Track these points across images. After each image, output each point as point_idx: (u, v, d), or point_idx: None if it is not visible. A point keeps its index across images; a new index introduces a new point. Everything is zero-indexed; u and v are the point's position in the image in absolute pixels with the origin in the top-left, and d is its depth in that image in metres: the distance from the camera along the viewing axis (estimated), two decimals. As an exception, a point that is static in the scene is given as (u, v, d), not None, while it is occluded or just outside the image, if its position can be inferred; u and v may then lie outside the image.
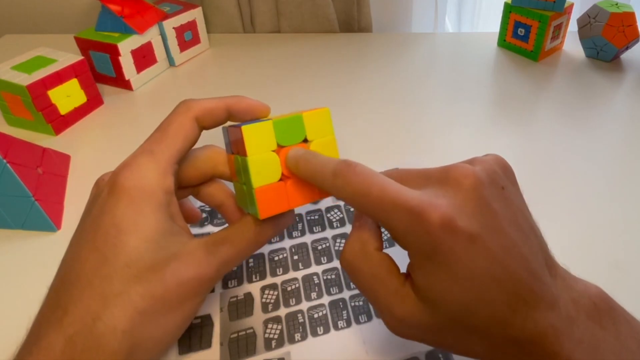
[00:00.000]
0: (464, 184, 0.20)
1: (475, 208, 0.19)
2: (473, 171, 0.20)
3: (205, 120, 0.26)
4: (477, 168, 0.21)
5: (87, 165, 0.43)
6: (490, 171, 0.21)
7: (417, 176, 0.22)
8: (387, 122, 0.49)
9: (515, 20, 0.59)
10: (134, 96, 0.55)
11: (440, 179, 0.21)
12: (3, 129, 0.48)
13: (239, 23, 0.68)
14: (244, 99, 0.26)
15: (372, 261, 0.22)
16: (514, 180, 0.23)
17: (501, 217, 0.20)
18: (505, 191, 0.21)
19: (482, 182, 0.20)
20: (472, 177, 0.20)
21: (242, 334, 0.28)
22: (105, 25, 0.54)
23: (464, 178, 0.20)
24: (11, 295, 0.32)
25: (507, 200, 0.21)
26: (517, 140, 0.46)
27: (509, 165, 0.23)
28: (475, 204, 0.19)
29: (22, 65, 0.46)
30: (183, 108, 0.25)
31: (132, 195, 0.22)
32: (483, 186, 0.20)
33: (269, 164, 0.23)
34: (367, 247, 0.22)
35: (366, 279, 0.22)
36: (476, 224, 0.19)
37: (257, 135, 0.23)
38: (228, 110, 0.26)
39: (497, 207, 0.20)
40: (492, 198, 0.20)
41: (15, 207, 0.35)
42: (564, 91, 0.54)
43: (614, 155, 0.44)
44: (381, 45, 0.65)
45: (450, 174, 0.20)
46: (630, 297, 0.31)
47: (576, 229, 0.36)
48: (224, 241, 0.24)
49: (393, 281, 0.21)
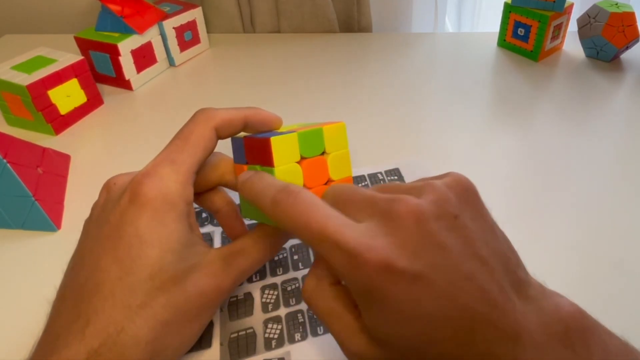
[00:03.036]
0: (406, 220, 0.19)
1: (417, 245, 0.18)
2: (417, 206, 0.19)
3: (223, 130, 0.26)
4: (423, 200, 0.19)
5: (87, 165, 0.43)
6: (440, 200, 0.19)
7: (364, 202, 0.21)
8: (387, 122, 0.49)
9: (515, 20, 0.59)
10: (134, 96, 0.55)
11: (384, 212, 0.19)
12: (3, 129, 0.48)
13: (239, 23, 0.68)
14: (260, 111, 0.27)
15: (327, 297, 0.22)
16: (474, 202, 0.21)
17: (450, 250, 0.18)
18: (458, 220, 0.19)
19: (426, 217, 0.19)
20: (415, 212, 0.19)
21: (242, 334, 0.28)
22: (105, 25, 0.54)
23: (407, 213, 0.19)
24: (11, 295, 0.32)
25: (460, 230, 0.19)
26: (517, 140, 0.46)
27: (469, 185, 0.21)
28: (418, 240, 0.18)
29: (22, 65, 0.46)
30: (203, 117, 0.25)
31: (156, 206, 0.22)
32: (427, 221, 0.19)
33: (293, 175, 0.24)
34: (323, 282, 0.22)
35: (323, 313, 0.22)
36: (418, 262, 0.18)
37: (284, 147, 0.24)
38: (245, 121, 0.26)
39: (446, 241, 0.18)
40: (440, 231, 0.19)
41: (15, 207, 0.35)
42: (564, 91, 0.54)
43: (614, 155, 0.44)
44: (381, 45, 0.65)
45: (394, 208, 0.19)
46: (631, 296, 0.31)
47: (576, 228, 0.36)
48: (241, 253, 0.25)
49: (348, 316, 0.21)
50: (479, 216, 0.21)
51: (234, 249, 0.25)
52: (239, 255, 0.25)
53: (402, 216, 0.19)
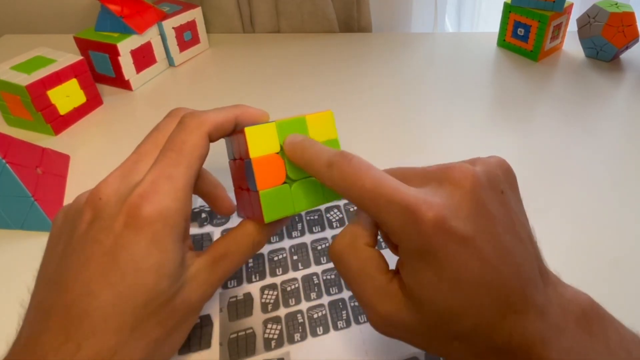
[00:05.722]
0: (462, 185, 0.19)
1: (471, 210, 0.19)
2: (473, 172, 0.20)
3: (215, 134, 0.25)
4: (478, 169, 0.20)
5: (86, 166, 0.43)
6: (491, 174, 0.20)
7: (416, 174, 0.22)
8: (387, 122, 0.49)
9: (514, 20, 0.59)
10: (134, 96, 0.55)
11: (439, 178, 0.20)
12: (2, 129, 0.48)
13: (239, 23, 0.68)
14: (248, 109, 0.26)
15: (361, 255, 0.21)
16: (514, 185, 0.22)
17: (497, 222, 0.19)
18: (504, 195, 0.20)
19: (481, 183, 0.19)
20: (471, 178, 0.19)
21: (242, 334, 0.28)
22: (104, 25, 0.54)
23: (463, 179, 0.19)
24: (11, 295, 0.32)
25: (505, 205, 0.20)
26: (517, 139, 0.46)
27: (511, 169, 0.22)
28: (471, 205, 0.19)
29: (22, 66, 0.46)
30: (195, 123, 0.24)
31: (155, 230, 0.21)
32: (482, 188, 0.19)
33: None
34: (358, 240, 0.22)
35: (353, 272, 0.21)
36: (470, 226, 0.18)
37: (260, 137, 0.23)
38: (236, 122, 0.25)
39: (494, 211, 0.19)
40: (490, 201, 0.19)
41: (14, 207, 0.35)
42: (564, 91, 0.54)
43: (613, 155, 0.44)
44: (381, 45, 0.65)
45: (450, 174, 0.20)
46: (629, 295, 0.31)
47: (576, 228, 0.36)
48: (224, 256, 0.24)
49: (380, 278, 0.21)
50: (518, 199, 0.22)
51: (217, 253, 0.24)
52: (223, 260, 0.24)
53: (459, 180, 0.19)
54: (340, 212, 0.37)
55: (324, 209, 0.37)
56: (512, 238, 0.19)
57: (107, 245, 0.21)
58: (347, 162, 0.21)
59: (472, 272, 0.18)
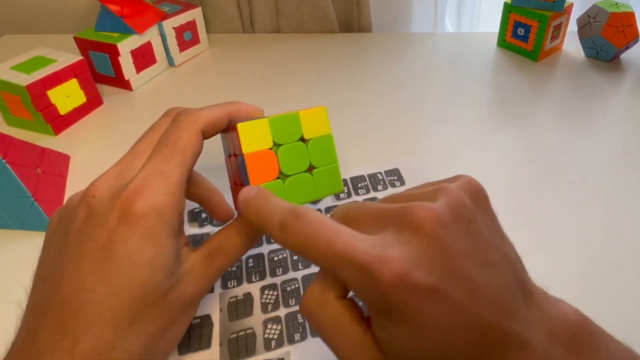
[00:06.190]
0: (422, 228, 0.18)
1: (433, 255, 0.18)
2: (432, 212, 0.18)
3: (209, 132, 0.25)
4: (439, 205, 0.19)
5: (86, 166, 0.43)
6: (455, 204, 0.19)
7: (375, 215, 0.20)
8: (387, 122, 0.49)
9: (515, 20, 0.59)
10: (134, 96, 0.55)
11: (399, 222, 0.19)
12: (2, 129, 0.48)
13: (239, 23, 0.68)
14: (242, 105, 0.26)
15: (332, 310, 0.20)
16: (485, 206, 0.21)
17: (465, 258, 0.18)
18: (471, 225, 0.19)
19: (442, 223, 0.18)
20: (430, 219, 0.18)
21: (242, 334, 0.28)
22: (104, 25, 0.54)
23: (423, 221, 0.18)
24: (11, 295, 0.32)
25: (472, 236, 0.19)
26: (517, 140, 0.46)
27: (481, 189, 0.21)
28: (433, 250, 0.18)
29: (22, 66, 0.46)
30: (188, 120, 0.24)
31: (148, 224, 0.21)
32: (444, 227, 0.18)
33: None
34: (327, 295, 0.20)
35: (326, 328, 0.21)
36: (434, 274, 0.17)
37: (253, 133, 0.23)
38: (229, 118, 0.26)
39: (460, 247, 0.18)
40: (455, 238, 0.18)
41: (14, 207, 0.35)
42: (564, 91, 0.54)
43: (613, 155, 0.44)
44: (381, 45, 0.65)
45: (408, 217, 0.18)
46: (631, 296, 0.31)
47: (576, 228, 0.36)
48: (219, 251, 0.25)
49: (354, 331, 0.20)
50: (489, 220, 0.20)
51: (212, 247, 0.24)
52: (218, 254, 0.24)
53: (419, 223, 0.18)
54: (340, 212, 0.37)
55: (324, 208, 0.37)
56: (484, 270, 0.18)
57: (102, 241, 0.21)
58: (299, 223, 0.20)
59: (443, 321, 0.17)
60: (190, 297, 0.23)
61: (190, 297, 0.23)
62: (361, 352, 0.19)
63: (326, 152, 0.25)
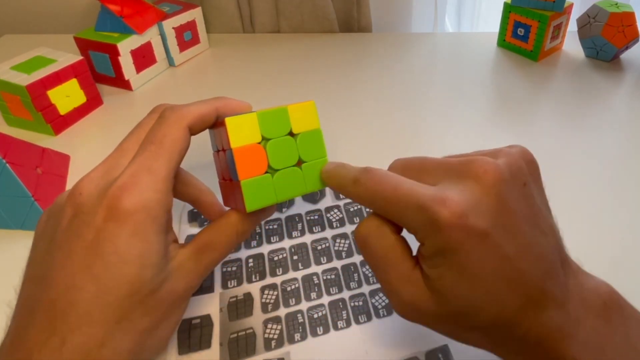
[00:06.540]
0: (484, 179, 0.19)
1: (491, 205, 0.19)
2: (495, 166, 0.20)
3: (196, 128, 0.25)
4: (500, 162, 0.20)
5: (86, 165, 0.42)
6: (514, 166, 0.20)
7: (437, 167, 0.22)
8: (387, 122, 0.49)
9: (514, 20, 0.59)
10: (134, 96, 0.55)
11: (461, 172, 0.20)
12: (2, 129, 0.48)
13: (239, 23, 0.68)
14: (230, 101, 0.26)
15: (386, 241, 0.22)
16: (537, 176, 0.22)
17: (518, 216, 0.19)
18: (526, 188, 0.20)
19: (502, 177, 0.19)
20: (492, 172, 0.19)
21: (242, 334, 0.28)
22: (104, 25, 0.54)
23: (485, 173, 0.19)
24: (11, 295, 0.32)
25: (527, 198, 0.20)
26: (517, 140, 0.46)
27: (534, 159, 0.22)
28: (492, 200, 0.19)
29: (22, 66, 0.46)
30: (175, 117, 0.24)
31: (136, 221, 0.21)
32: (503, 182, 0.19)
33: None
34: (383, 226, 0.22)
35: (378, 257, 0.22)
36: (490, 221, 0.19)
37: (241, 127, 0.23)
38: (217, 114, 0.25)
39: (515, 205, 0.19)
40: (511, 195, 0.19)
41: (14, 207, 0.35)
42: (564, 91, 0.54)
43: (613, 155, 0.44)
44: (381, 45, 0.65)
45: (471, 168, 0.20)
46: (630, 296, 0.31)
47: (576, 228, 0.36)
48: (209, 246, 0.25)
49: (404, 265, 0.21)
50: (540, 190, 0.22)
51: (202, 242, 0.25)
52: (208, 250, 0.24)
53: (480, 174, 0.19)
54: (340, 212, 0.37)
55: (324, 209, 0.37)
56: (533, 231, 0.19)
57: (89, 239, 0.21)
58: (369, 175, 0.22)
59: (492, 268, 0.18)
60: (179, 293, 0.23)
61: (179, 293, 0.23)
62: (408, 285, 0.21)
63: (315, 147, 0.25)
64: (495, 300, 0.19)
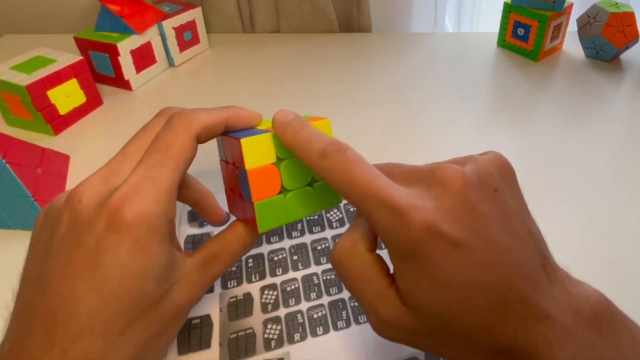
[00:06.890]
0: (451, 187, 0.19)
1: (461, 213, 0.18)
2: (461, 173, 0.19)
3: (204, 137, 0.24)
4: (467, 169, 0.20)
5: (86, 166, 0.43)
6: (482, 172, 0.20)
7: (404, 173, 0.21)
8: (387, 122, 0.49)
9: (514, 20, 0.59)
10: (134, 96, 0.55)
11: (428, 179, 0.20)
12: (2, 129, 0.48)
13: (239, 23, 0.68)
14: (240, 111, 0.25)
15: (361, 261, 0.21)
16: (512, 180, 0.22)
17: (490, 222, 0.19)
18: (497, 193, 0.20)
19: (469, 184, 0.19)
20: (459, 180, 0.19)
21: (242, 334, 0.28)
22: (104, 25, 0.54)
23: (451, 180, 0.19)
24: (11, 295, 0.32)
25: (499, 203, 0.20)
26: (517, 139, 0.46)
27: (508, 164, 0.22)
28: (461, 208, 0.19)
29: (22, 66, 0.46)
30: (182, 124, 0.23)
31: (137, 234, 0.20)
32: (470, 189, 0.19)
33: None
34: (358, 246, 0.22)
35: (353, 278, 0.21)
36: (462, 229, 0.18)
37: (256, 148, 0.23)
38: (226, 124, 0.25)
39: (486, 211, 0.19)
40: (481, 201, 0.19)
41: (14, 207, 0.35)
42: (564, 91, 0.54)
43: (613, 155, 0.44)
44: (381, 45, 0.65)
45: (438, 175, 0.20)
46: (629, 297, 0.31)
47: (576, 228, 0.36)
48: (215, 258, 0.24)
49: (380, 282, 0.21)
50: (516, 195, 0.21)
51: (208, 254, 0.24)
52: (213, 261, 0.24)
53: (447, 182, 0.19)
54: (340, 212, 0.37)
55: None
56: (509, 236, 0.19)
57: (89, 249, 0.20)
58: (342, 155, 0.20)
59: (466, 276, 0.18)
60: (183, 304, 0.23)
61: (183, 305, 0.23)
62: (385, 303, 0.20)
63: None
64: (472, 308, 0.18)
